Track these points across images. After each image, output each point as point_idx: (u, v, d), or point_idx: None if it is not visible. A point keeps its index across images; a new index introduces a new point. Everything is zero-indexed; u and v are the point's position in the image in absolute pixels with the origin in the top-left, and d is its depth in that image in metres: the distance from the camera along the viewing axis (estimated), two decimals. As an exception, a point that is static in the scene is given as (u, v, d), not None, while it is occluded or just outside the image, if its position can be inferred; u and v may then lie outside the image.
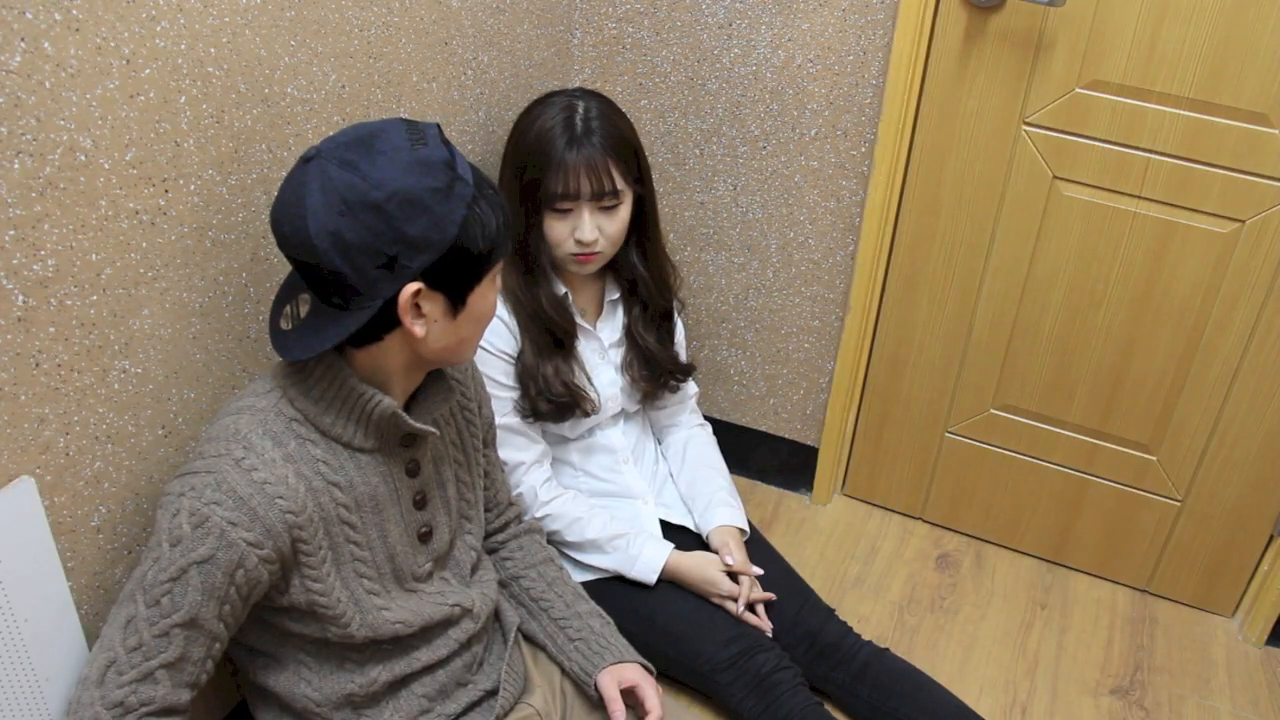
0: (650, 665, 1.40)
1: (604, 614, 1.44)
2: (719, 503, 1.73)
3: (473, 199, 1.04)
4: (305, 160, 1.02)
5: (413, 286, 1.03)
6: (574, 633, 1.38)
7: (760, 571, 1.67)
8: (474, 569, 1.34)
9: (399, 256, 1.01)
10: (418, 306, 1.05)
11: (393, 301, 1.03)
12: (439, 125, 1.08)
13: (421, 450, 1.20)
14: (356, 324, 1.04)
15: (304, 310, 1.11)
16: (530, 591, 1.43)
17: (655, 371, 1.73)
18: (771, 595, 1.66)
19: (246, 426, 1.07)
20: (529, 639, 1.42)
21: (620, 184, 1.54)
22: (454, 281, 1.06)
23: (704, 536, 1.72)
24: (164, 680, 1.04)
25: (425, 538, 1.22)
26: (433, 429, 1.16)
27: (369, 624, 1.16)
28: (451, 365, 1.19)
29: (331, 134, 1.07)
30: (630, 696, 1.34)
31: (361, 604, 1.16)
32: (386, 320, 1.05)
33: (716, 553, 1.66)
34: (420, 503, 1.21)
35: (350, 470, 1.12)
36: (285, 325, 1.12)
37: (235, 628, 1.09)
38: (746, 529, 1.73)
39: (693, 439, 1.85)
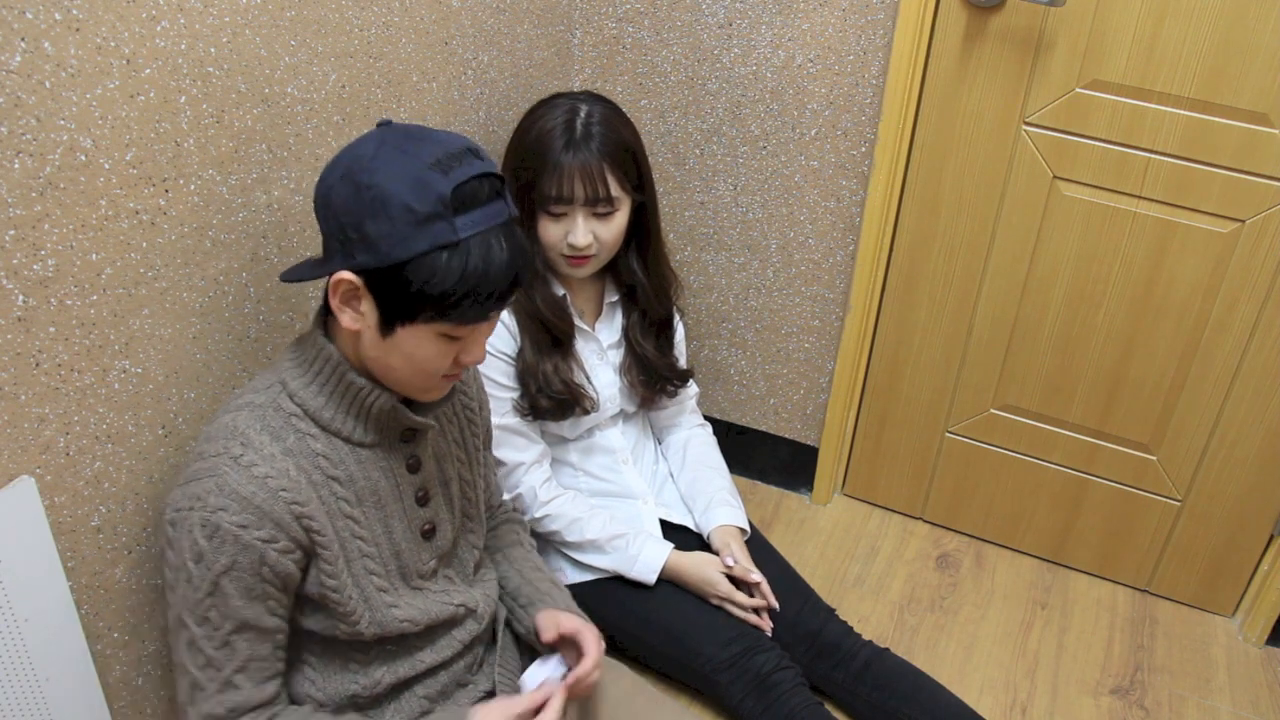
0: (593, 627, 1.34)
1: (558, 582, 1.41)
2: (720, 503, 1.73)
3: (447, 248, 1.00)
4: (378, 125, 1.06)
5: (348, 276, 1.03)
6: (524, 599, 1.39)
7: (760, 578, 1.66)
8: (476, 568, 1.34)
9: (352, 242, 1.02)
10: (356, 298, 1.05)
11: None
12: (498, 177, 1.05)
13: (422, 446, 1.20)
14: (314, 274, 1.08)
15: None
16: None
17: (653, 378, 1.73)
18: (775, 604, 1.65)
19: (245, 423, 1.07)
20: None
21: (616, 191, 1.53)
22: (387, 300, 1.04)
23: (705, 536, 1.71)
24: (244, 683, 1.08)
25: (429, 534, 1.23)
26: (431, 423, 1.17)
27: (378, 621, 1.16)
28: (391, 385, 1.13)
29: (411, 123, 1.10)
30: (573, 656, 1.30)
31: (371, 601, 1.16)
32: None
33: (717, 553, 1.66)
34: (423, 499, 1.21)
35: (351, 465, 1.12)
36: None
37: (289, 614, 1.12)
38: (747, 529, 1.73)
39: (693, 439, 1.85)
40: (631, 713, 1.38)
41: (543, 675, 1.24)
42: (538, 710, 1.17)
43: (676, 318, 1.77)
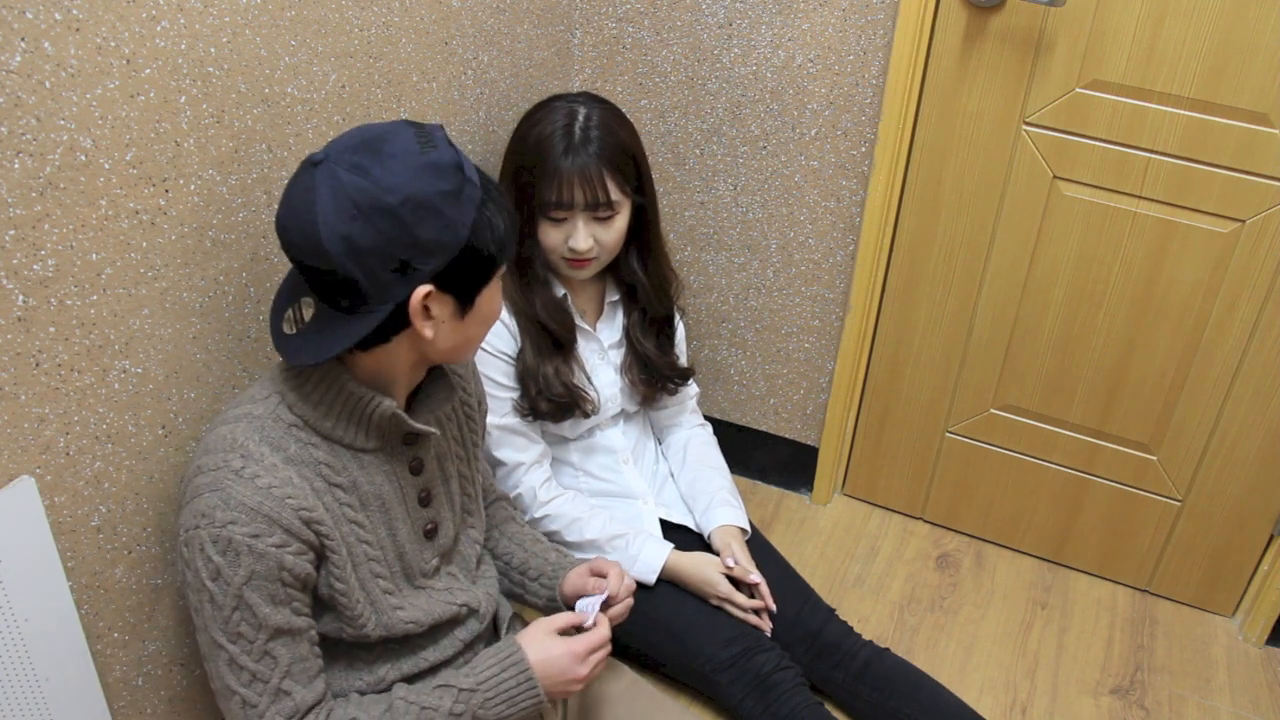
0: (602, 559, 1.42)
1: (560, 549, 1.45)
2: (720, 503, 1.73)
3: (481, 201, 1.04)
4: (312, 164, 1.01)
5: (424, 289, 1.02)
6: (534, 572, 1.40)
7: (759, 579, 1.65)
8: (478, 563, 1.35)
9: (411, 260, 1.00)
10: (427, 309, 1.05)
11: (404, 304, 1.03)
12: (443, 127, 1.07)
13: (425, 448, 1.20)
14: (368, 327, 1.03)
15: (308, 314, 1.10)
16: (494, 550, 1.45)
17: (653, 376, 1.73)
18: (773, 606, 1.65)
19: (243, 435, 1.07)
20: (510, 599, 1.44)
21: (616, 195, 1.53)
22: (463, 283, 1.06)
23: (705, 536, 1.71)
24: (294, 688, 1.08)
25: (431, 534, 1.23)
26: (435, 429, 1.17)
27: (384, 624, 1.17)
28: (454, 363, 1.20)
29: (335, 137, 1.06)
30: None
31: (377, 604, 1.16)
32: (396, 322, 1.05)
33: (718, 553, 1.66)
34: (425, 500, 1.21)
35: (354, 470, 1.12)
36: (289, 329, 1.11)
37: (313, 613, 1.12)
38: (748, 529, 1.73)
39: (693, 439, 1.85)
40: (631, 713, 1.39)
41: (586, 604, 1.30)
42: (579, 634, 1.23)
43: (677, 316, 1.77)
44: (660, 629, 1.62)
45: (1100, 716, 1.78)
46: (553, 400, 1.59)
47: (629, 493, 1.75)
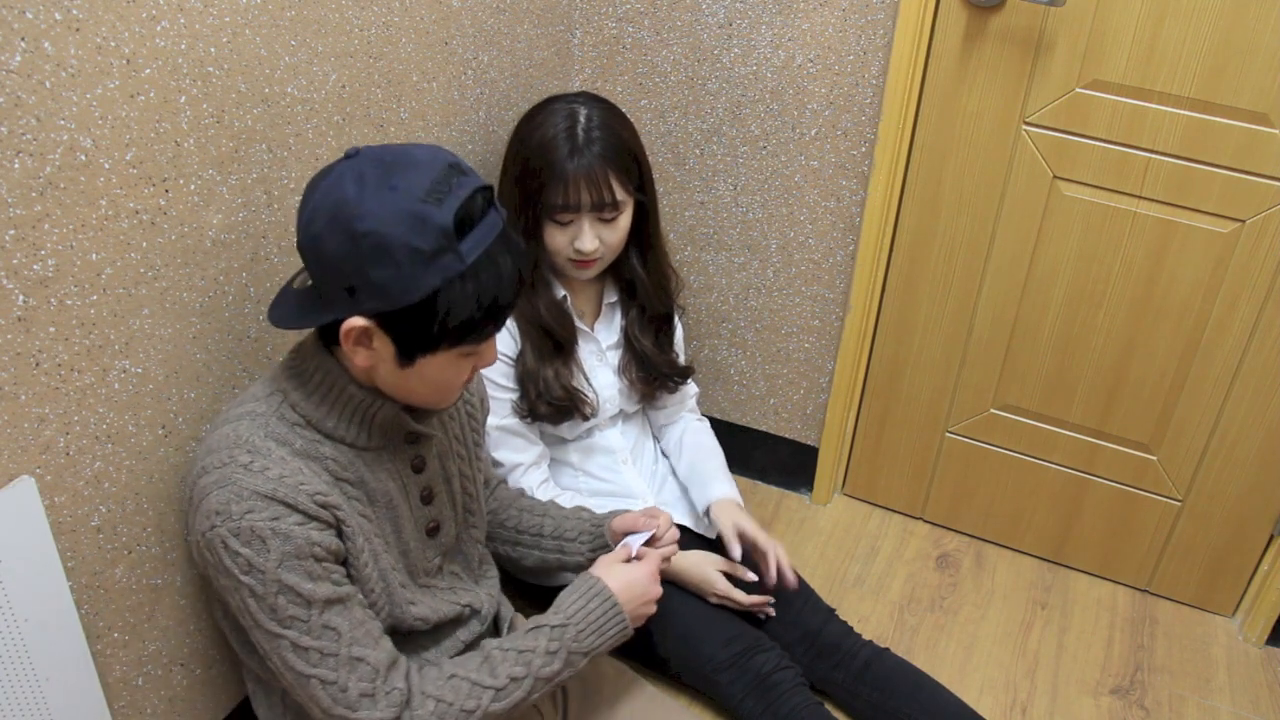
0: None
1: (584, 506, 1.47)
2: (720, 478, 1.73)
3: (458, 277, 0.99)
4: (346, 155, 1.01)
5: (360, 321, 1.00)
6: (572, 533, 1.41)
7: (754, 577, 1.65)
8: (480, 562, 1.35)
9: (358, 289, 0.99)
10: (368, 337, 1.03)
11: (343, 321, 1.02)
12: (488, 188, 1.02)
13: (427, 446, 1.20)
14: (317, 321, 1.05)
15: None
16: (517, 526, 1.45)
17: (652, 374, 1.73)
18: (793, 581, 1.63)
19: (248, 432, 1.06)
20: (540, 571, 1.44)
21: (620, 195, 1.54)
22: (406, 337, 1.03)
23: (704, 512, 1.70)
24: (364, 653, 1.07)
25: (433, 532, 1.23)
26: (435, 431, 1.17)
27: (395, 616, 1.17)
28: (407, 403, 1.15)
29: (390, 144, 1.04)
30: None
31: (394, 596, 1.16)
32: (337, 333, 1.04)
33: (721, 538, 1.65)
34: (427, 498, 1.21)
35: (360, 467, 1.12)
36: (295, 285, 1.11)
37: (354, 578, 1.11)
38: (741, 503, 1.72)
39: (689, 429, 1.86)
40: (631, 712, 1.39)
41: (634, 539, 1.33)
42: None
43: (676, 315, 1.77)
44: (660, 629, 1.61)
45: (1100, 716, 1.78)
46: (552, 403, 1.59)
47: (628, 492, 1.75)
